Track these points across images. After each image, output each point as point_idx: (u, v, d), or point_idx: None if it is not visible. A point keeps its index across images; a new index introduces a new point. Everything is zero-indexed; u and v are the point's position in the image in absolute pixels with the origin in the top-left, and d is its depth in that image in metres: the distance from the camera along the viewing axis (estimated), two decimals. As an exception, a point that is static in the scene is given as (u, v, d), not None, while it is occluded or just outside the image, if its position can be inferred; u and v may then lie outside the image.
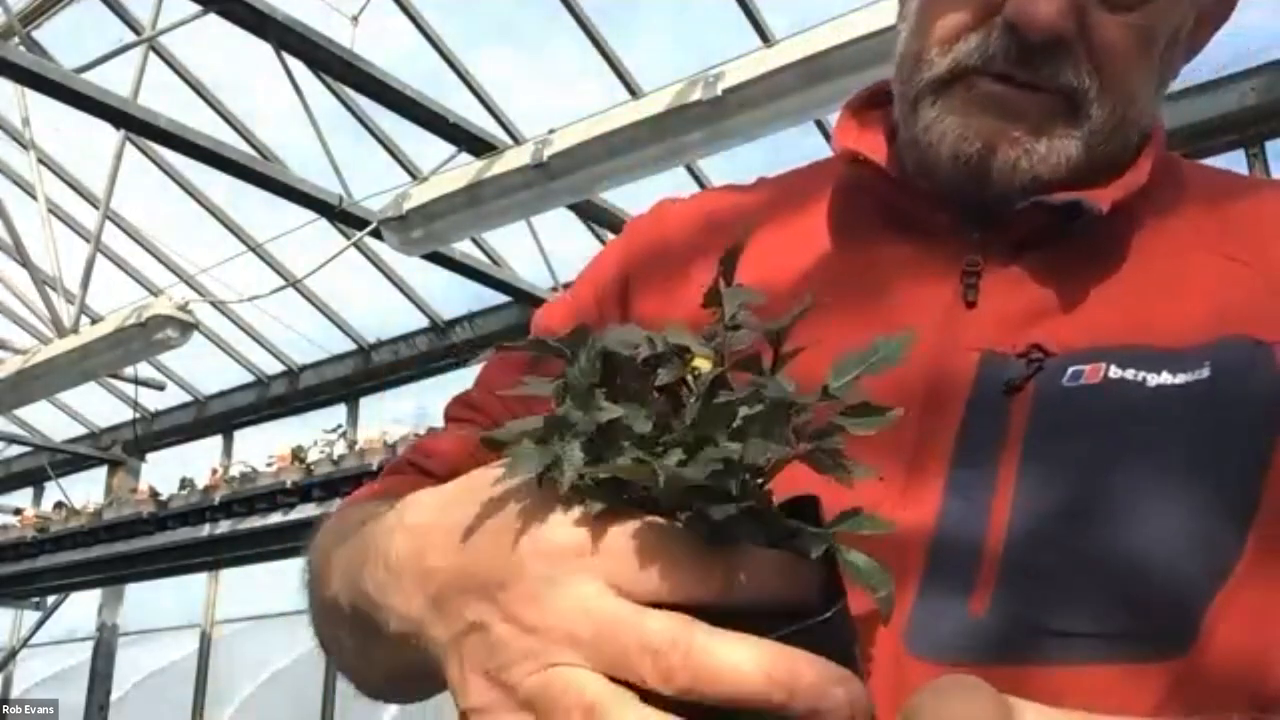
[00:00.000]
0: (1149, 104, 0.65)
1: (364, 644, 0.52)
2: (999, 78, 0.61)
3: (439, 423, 0.77)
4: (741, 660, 0.35)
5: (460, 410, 0.77)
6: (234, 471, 5.96)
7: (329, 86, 4.45)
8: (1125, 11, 0.61)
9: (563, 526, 0.39)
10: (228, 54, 4.57)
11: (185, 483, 6.13)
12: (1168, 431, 0.54)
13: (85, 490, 7.47)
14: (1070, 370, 0.57)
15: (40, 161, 4.88)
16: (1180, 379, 0.55)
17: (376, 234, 4.20)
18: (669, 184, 4.56)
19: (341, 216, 4.37)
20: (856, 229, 0.68)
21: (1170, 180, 0.67)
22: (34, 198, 4.86)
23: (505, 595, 0.39)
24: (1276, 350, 0.56)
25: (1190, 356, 0.56)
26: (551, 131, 3.68)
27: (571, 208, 4.46)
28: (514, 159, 3.75)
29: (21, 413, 7.16)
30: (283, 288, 5.23)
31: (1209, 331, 0.57)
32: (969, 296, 0.61)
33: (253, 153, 4.73)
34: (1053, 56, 0.60)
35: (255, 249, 5.70)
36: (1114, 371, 0.56)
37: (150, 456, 7.73)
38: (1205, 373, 0.55)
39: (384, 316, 6.13)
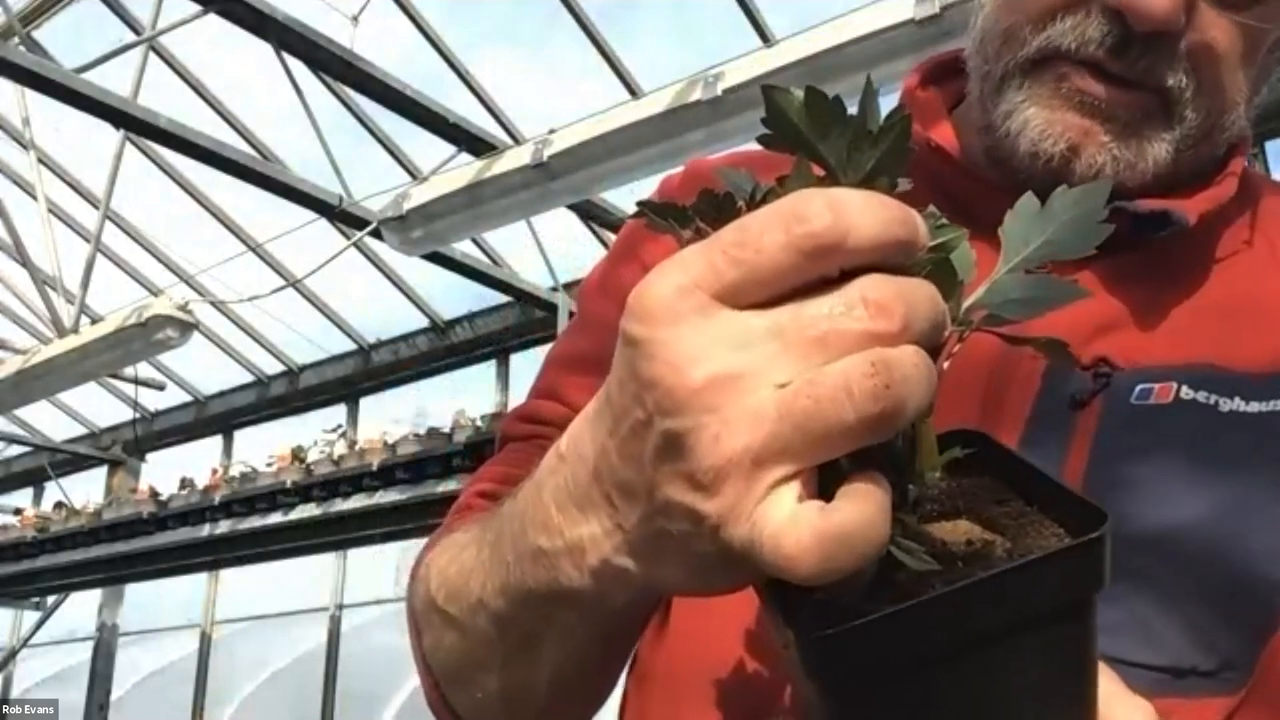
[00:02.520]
0: (1242, 112, 0.61)
1: (533, 635, 0.46)
2: (1091, 68, 0.57)
3: (439, 422, 0.76)
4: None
5: (523, 427, 0.69)
6: (234, 471, 5.96)
7: (329, 86, 4.44)
8: (1234, 11, 0.57)
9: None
10: (228, 54, 4.57)
11: (185, 483, 6.13)
12: (1242, 460, 0.53)
13: (85, 490, 7.48)
14: (1139, 388, 0.55)
15: (40, 161, 4.88)
16: (1254, 407, 0.54)
17: (376, 234, 4.19)
18: (669, 184, 4.57)
19: (341, 216, 4.37)
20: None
21: (1249, 195, 0.63)
22: (34, 198, 4.86)
23: (670, 399, 0.33)
24: None
25: (1264, 385, 0.54)
26: (551, 131, 3.68)
27: (571, 208, 4.46)
28: (514, 159, 3.75)
29: (21, 413, 7.16)
30: (283, 288, 5.23)
31: None
32: None
33: (253, 153, 4.73)
34: (1154, 50, 0.56)
35: (255, 249, 5.69)
36: (1185, 392, 0.54)
37: (150, 456, 7.73)
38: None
39: (384, 316, 6.14)
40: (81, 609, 7.69)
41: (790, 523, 0.31)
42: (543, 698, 0.51)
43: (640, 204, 0.39)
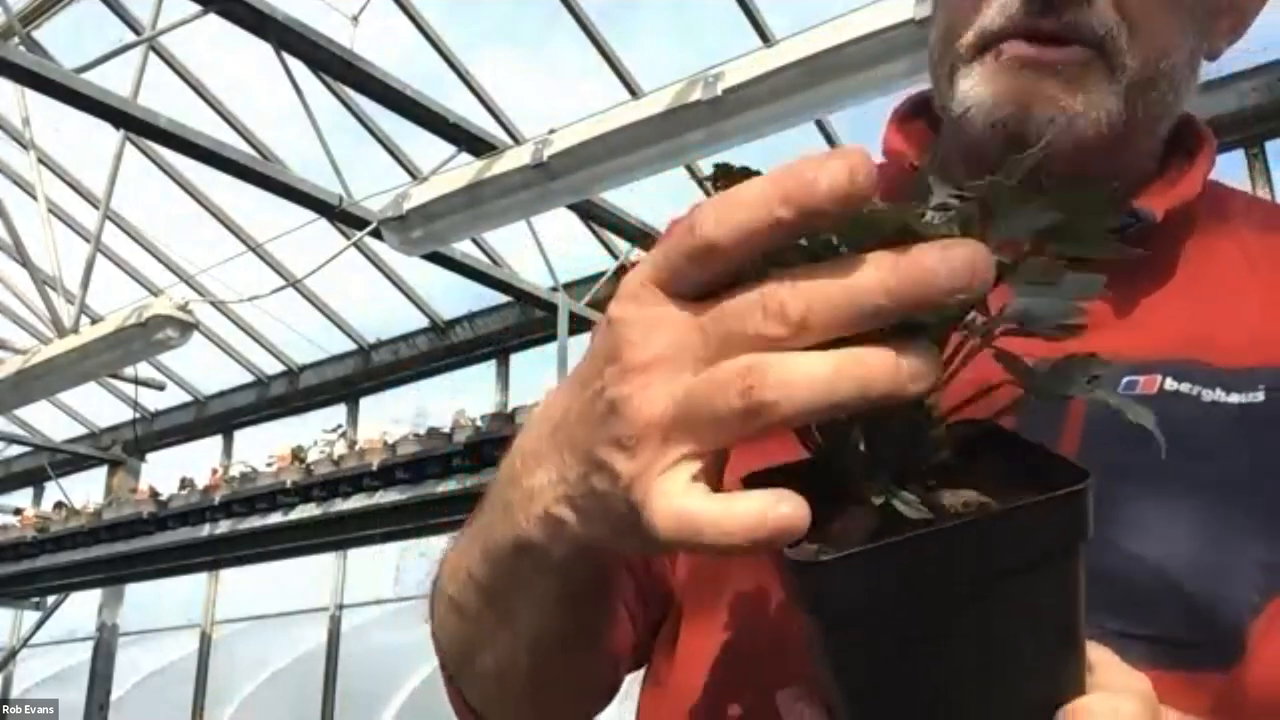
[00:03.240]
0: (1185, 67, 0.62)
1: (508, 599, 0.50)
2: (1026, 37, 0.59)
3: (439, 422, 0.78)
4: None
5: None
6: (234, 471, 5.96)
7: (329, 86, 4.44)
8: None
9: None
10: (228, 54, 4.57)
11: (185, 483, 6.13)
12: (1225, 449, 0.55)
13: (85, 490, 7.48)
14: (1125, 380, 0.57)
15: (40, 161, 4.88)
16: (1234, 399, 0.56)
17: (376, 234, 4.19)
18: (669, 184, 4.56)
19: (341, 216, 4.37)
20: None
21: (1214, 200, 0.66)
22: (34, 198, 4.86)
23: (611, 369, 0.38)
24: None
25: (1243, 377, 0.57)
26: (551, 131, 3.68)
27: (571, 208, 4.46)
28: (514, 159, 3.75)
29: (21, 413, 7.16)
30: (283, 288, 5.23)
31: (1260, 355, 0.57)
32: None
33: (253, 153, 4.73)
34: (1075, 2, 0.58)
35: (255, 249, 5.70)
36: (1170, 384, 0.56)
37: (150, 456, 7.73)
38: (1260, 396, 0.56)
39: (384, 316, 6.14)
40: (81, 609, 7.70)
41: (668, 494, 0.36)
42: (525, 672, 0.55)
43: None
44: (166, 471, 7.11)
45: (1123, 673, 0.41)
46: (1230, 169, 3.97)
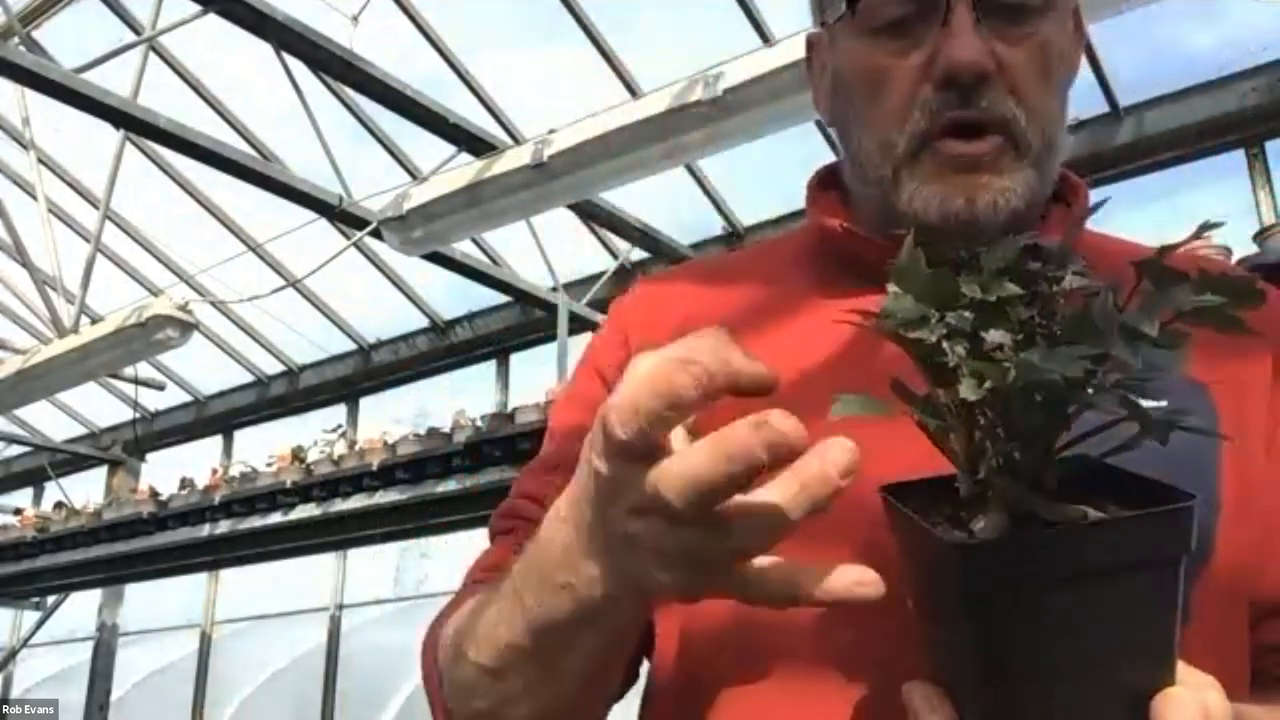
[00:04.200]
0: (1061, 124, 0.75)
1: (559, 656, 0.58)
2: (951, 131, 0.70)
3: (439, 422, 0.80)
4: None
5: (505, 523, 0.83)
6: (234, 471, 5.96)
7: (329, 86, 4.45)
8: (1020, 38, 0.71)
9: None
10: (228, 54, 4.57)
11: (185, 483, 6.13)
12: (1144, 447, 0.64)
13: (85, 490, 7.48)
14: None
15: (40, 161, 4.88)
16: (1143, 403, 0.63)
17: (376, 234, 4.20)
18: (669, 184, 4.57)
19: (341, 216, 4.37)
20: (836, 288, 0.77)
21: (1091, 240, 0.80)
22: (34, 198, 4.86)
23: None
24: (1210, 388, 0.69)
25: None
26: (551, 131, 3.68)
27: (571, 208, 4.46)
28: (514, 159, 3.75)
29: (21, 413, 7.16)
30: (283, 288, 5.23)
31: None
32: None
33: (253, 153, 4.73)
34: (985, 89, 0.70)
35: (255, 249, 5.70)
36: None
37: (150, 456, 7.73)
38: (1163, 401, 0.67)
39: (384, 316, 6.14)
40: (81, 609, 7.70)
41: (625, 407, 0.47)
42: (566, 709, 0.63)
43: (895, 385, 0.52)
44: (166, 471, 7.12)
45: (1198, 673, 0.48)
46: (1230, 169, 3.97)
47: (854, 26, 0.75)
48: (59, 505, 7.04)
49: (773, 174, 4.86)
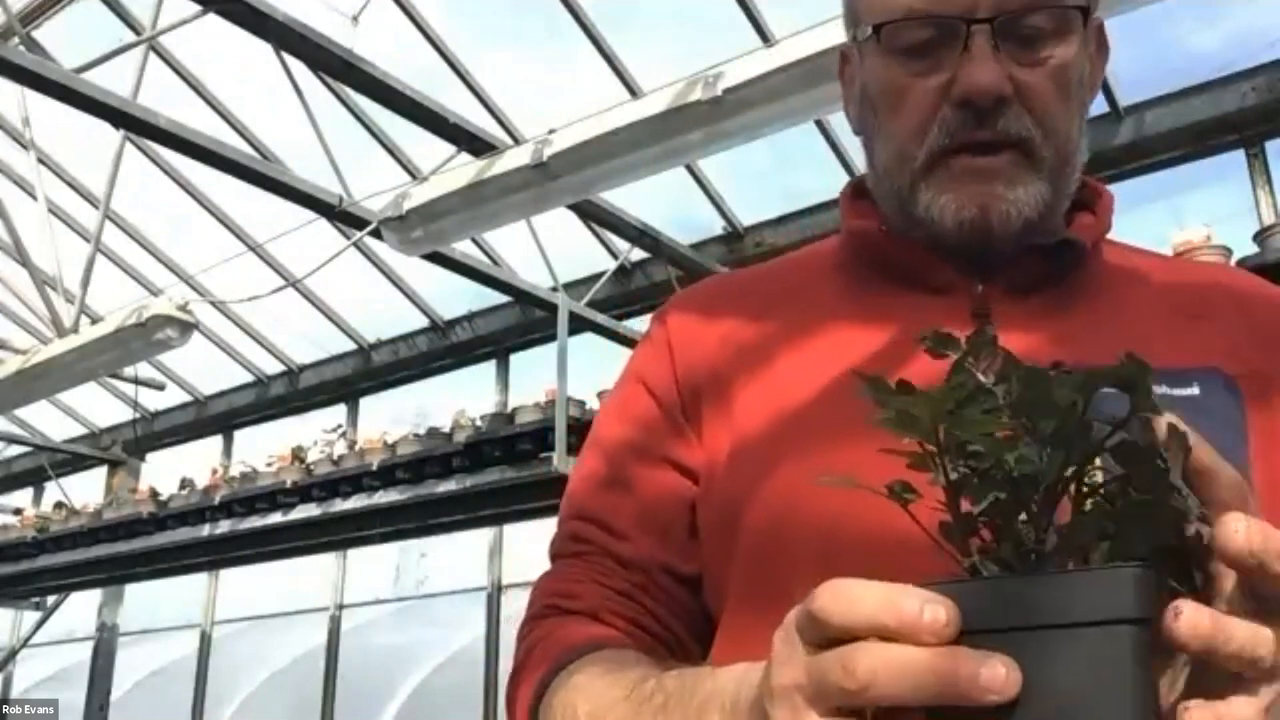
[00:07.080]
0: (1079, 140, 0.79)
1: None
2: (967, 148, 0.75)
3: (439, 422, 0.80)
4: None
5: (571, 546, 0.85)
6: (234, 471, 5.96)
7: (329, 86, 4.44)
8: (1038, 62, 0.75)
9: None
10: (228, 54, 4.57)
11: (185, 483, 6.13)
12: None
13: (85, 490, 7.48)
14: None
15: (40, 161, 4.87)
16: (1176, 392, 0.70)
17: (376, 234, 4.19)
18: (669, 184, 4.57)
19: (341, 216, 4.36)
20: (869, 293, 0.81)
21: (1118, 251, 0.84)
22: (34, 198, 4.86)
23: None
24: (1239, 380, 0.72)
25: (1180, 376, 0.71)
26: (551, 131, 3.68)
27: (571, 208, 4.45)
28: (514, 159, 3.75)
29: (21, 413, 7.16)
30: (283, 288, 5.23)
31: (1189, 359, 0.72)
32: None
33: (253, 153, 4.73)
34: (1002, 114, 0.74)
35: (255, 249, 5.69)
36: None
37: (150, 456, 7.72)
38: (1195, 390, 0.71)
39: (384, 316, 6.14)
40: (81, 609, 7.69)
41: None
42: None
43: (924, 335, 0.52)
44: (166, 471, 7.12)
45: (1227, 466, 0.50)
46: (1230, 169, 3.97)
47: (880, 46, 0.78)
48: (59, 505, 7.04)
49: (773, 174, 4.86)
